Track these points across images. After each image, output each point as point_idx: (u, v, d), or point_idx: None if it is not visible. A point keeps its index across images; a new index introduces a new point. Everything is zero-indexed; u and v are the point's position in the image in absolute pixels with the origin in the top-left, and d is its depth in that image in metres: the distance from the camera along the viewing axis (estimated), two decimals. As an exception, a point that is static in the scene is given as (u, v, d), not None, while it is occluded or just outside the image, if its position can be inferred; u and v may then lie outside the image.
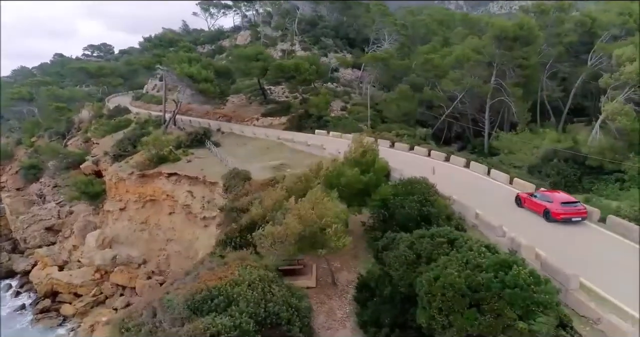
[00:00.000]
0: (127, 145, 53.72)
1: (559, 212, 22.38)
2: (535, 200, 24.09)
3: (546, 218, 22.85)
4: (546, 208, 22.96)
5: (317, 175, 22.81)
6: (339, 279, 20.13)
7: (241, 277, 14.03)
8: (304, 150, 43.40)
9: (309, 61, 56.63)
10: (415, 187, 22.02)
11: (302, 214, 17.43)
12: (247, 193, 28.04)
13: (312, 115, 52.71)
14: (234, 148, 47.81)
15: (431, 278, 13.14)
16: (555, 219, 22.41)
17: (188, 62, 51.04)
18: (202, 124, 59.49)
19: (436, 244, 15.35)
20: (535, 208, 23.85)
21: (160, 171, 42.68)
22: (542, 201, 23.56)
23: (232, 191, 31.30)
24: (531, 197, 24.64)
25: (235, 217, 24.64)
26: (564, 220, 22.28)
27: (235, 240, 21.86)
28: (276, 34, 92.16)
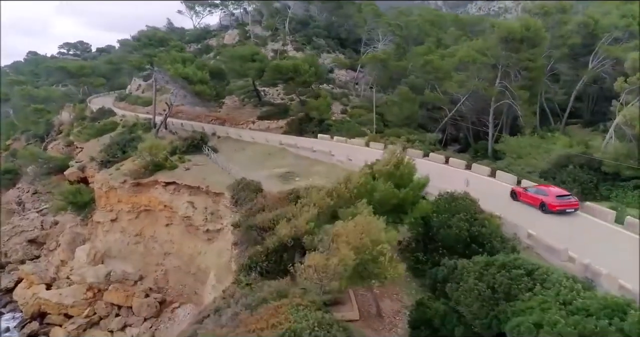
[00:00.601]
0: (116, 150, 50.54)
1: (555, 204, 24.19)
2: (531, 194, 25.77)
3: (542, 210, 24.53)
4: (542, 201, 24.70)
5: (348, 189, 20.66)
6: (383, 309, 18.10)
7: (298, 324, 11.80)
8: (309, 156, 41.25)
9: (307, 62, 54.38)
10: (459, 203, 20.13)
11: (354, 241, 15.33)
12: (263, 208, 25.71)
13: (312, 119, 50.49)
14: (233, 154, 45.26)
15: (531, 325, 11.18)
16: (551, 211, 24.15)
17: (182, 62, 48.19)
18: (195, 127, 56.63)
19: (514, 276, 13.45)
20: (532, 201, 25.48)
21: (156, 179, 39.85)
22: (538, 195, 25.33)
23: (242, 204, 28.88)
24: (526, 191, 26.32)
25: (256, 237, 22.34)
26: (559, 211, 24.11)
27: (261, 265, 19.61)
28: (266, 34, 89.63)
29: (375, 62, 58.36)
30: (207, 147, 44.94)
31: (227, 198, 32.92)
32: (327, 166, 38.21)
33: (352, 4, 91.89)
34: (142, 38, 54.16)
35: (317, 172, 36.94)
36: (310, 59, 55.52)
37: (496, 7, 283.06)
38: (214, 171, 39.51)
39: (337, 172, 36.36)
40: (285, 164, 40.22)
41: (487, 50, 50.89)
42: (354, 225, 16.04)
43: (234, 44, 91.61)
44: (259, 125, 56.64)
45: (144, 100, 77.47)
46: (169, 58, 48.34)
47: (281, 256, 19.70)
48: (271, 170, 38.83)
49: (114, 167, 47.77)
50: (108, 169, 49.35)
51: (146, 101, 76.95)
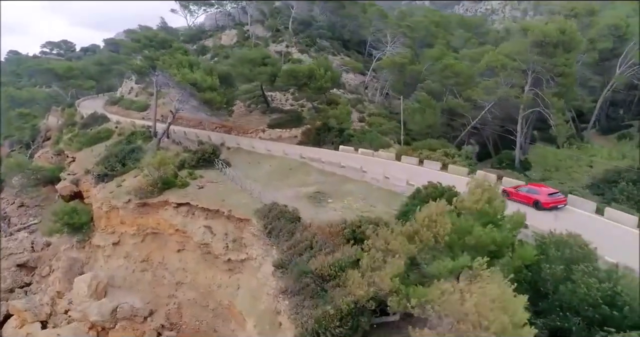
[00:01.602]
0: (114, 163, 45.79)
1: (547, 201, 26.52)
2: (524, 193, 27.73)
3: (536, 207, 26.34)
4: (536, 199, 26.76)
5: (435, 233, 16.77)
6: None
7: None
8: (336, 172, 37.23)
9: (322, 66, 50.34)
10: (573, 250, 16.39)
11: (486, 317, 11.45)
12: (310, 245, 21.67)
13: (331, 129, 46.44)
14: (248, 168, 41.02)
15: None
16: (544, 208, 26.26)
17: (189, 66, 43.75)
18: (199, 136, 52.15)
19: None
20: (525, 200, 27.22)
21: (166, 199, 35.43)
22: (531, 194, 27.33)
23: (279, 236, 24.75)
24: (517, 190, 28.23)
25: (314, 288, 18.31)
26: (551, 208, 26.36)
27: (333, 331, 15.62)
28: (267, 34, 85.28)
29: (393, 67, 54.57)
30: (220, 161, 40.57)
31: (254, 225, 28.72)
32: (359, 185, 34.28)
33: (355, 4, 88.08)
34: (142, 39, 49.51)
35: (349, 192, 32.97)
36: (324, 63, 51.46)
37: (483, 9, 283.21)
38: (231, 189, 35.24)
39: (374, 193, 32.60)
40: (311, 181, 36.17)
41: (517, 54, 47.51)
42: (482, 295, 12.15)
43: (232, 45, 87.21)
44: (269, 134, 52.39)
45: (139, 104, 72.52)
46: (174, 62, 43.84)
47: (358, 320, 15.74)
48: (296, 189, 34.76)
49: (114, 182, 43.18)
50: (106, 183, 44.74)
51: (141, 106, 72.12)
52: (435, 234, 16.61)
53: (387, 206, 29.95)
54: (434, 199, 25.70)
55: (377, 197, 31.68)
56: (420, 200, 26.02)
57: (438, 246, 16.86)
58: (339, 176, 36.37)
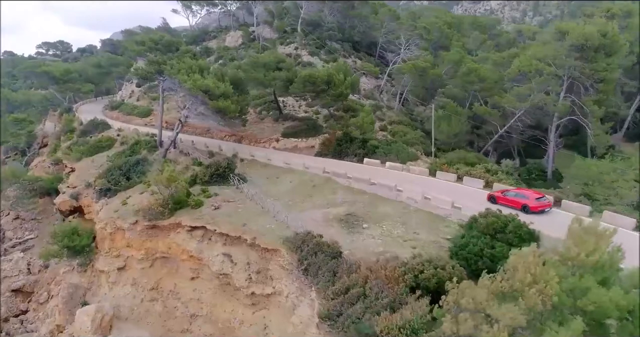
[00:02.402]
0: (118, 176, 42.22)
1: (535, 205, 27.31)
2: (511, 197, 28.43)
3: (525, 211, 26.89)
4: (524, 203, 27.52)
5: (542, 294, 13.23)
6: None
7: None
8: (365, 189, 33.69)
9: (341, 71, 46.82)
10: None
11: None
12: (364, 293, 18.13)
13: (354, 139, 42.89)
14: (267, 184, 37.47)
15: None
16: (533, 212, 27.00)
17: (199, 72, 40.17)
18: (209, 145, 48.59)
19: None
20: (513, 204, 27.91)
21: (178, 222, 31.81)
22: (519, 198, 28.05)
23: (318, 274, 21.21)
24: (505, 195, 28.94)
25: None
26: (539, 212, 27.18)
27: None
28: (273, 36, 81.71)
29: (415, 71, 51.12)
30: (236, 176, 36.97)
31: (283, 257, 25.17)
32: (394, 206, 30.74)
33: (365, 4, 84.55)
34: (146, 42, 45.81)
35: (385, 214, 29.45)
36: (343, 67, 47.91)
37: (482, 9, 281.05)
38: (252, 211, 31.64)
39: (413, 216, 29.06)
40: (339, 201, 32.57)
41: (552, 59, 44.15)
42: None
43: (237, 47, 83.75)
44: (284, 143, 48.82)
45: (141, 110, 68.81)
46: (183, 67, 40.23)
47: None
48: (324, 209, 31.24)
49: (118, 199, 39.63)
50: (109, 199, 41.22)
51: (144, 111, 68.46)
52: (542, 295, 13.11)
53: (432, 232, 26.49)
54: (497, 231, 22.45)
55: (417, 221, 28.18)
56: (480, 231, 22.60)
57: (544, 309, 13.37)
58: (370, 195, 32.82)
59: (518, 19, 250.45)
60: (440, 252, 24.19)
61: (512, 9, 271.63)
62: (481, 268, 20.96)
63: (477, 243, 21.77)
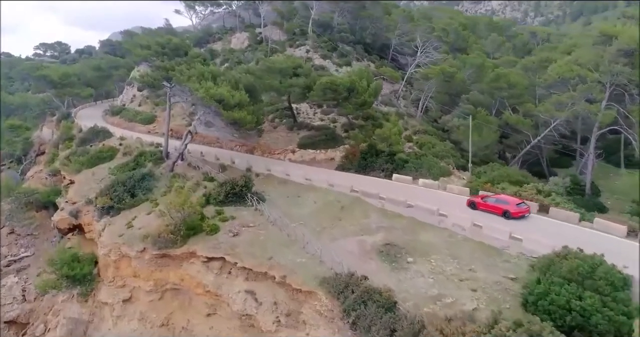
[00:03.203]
0: (122, 193, 38.43)
1: (516, 211, 27.55)
2: (492, 203, 28.59)
3: (506, 217, 27.47)
4: (505, 209, 27.76)
5: None
6: None
7: None
8: (401, 213, 30.03)
9: (362, 77, 43.22)
10: None
11: None
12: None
13: (380, 152, 39.22)
14: (288, 204, 33.73)
15: None
16: (513, 217, 27.29)
17: (212, 79, 36.48)
18: (219, 157, 44.83)
19: None
20: (493, 210, 28.27)
21: (193, 251, 28.12)
22: (500, 204, 28.24)
23: (370, 330, 17.53)
24: (485, 201, 28.97)
25: None
26: (519, 217, 27.42)
27: None
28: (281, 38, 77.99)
29: (442, 76, 47.50)
30: (254, 196, 33.24)
31: (320, 300, 21.48)
32: (438, 233, 27.12)
33: (377, 4, 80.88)
34: (152, 45, 42.08)
35: (429, 244, 25.84)
36: (365, 73, 44.29)
37: (483, 10, 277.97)
38: (276, 239, 27.94)
39: (463, 247, 25.40)
40: (373, 226, 28.96)
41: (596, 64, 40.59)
42: None
43: (244, 49, 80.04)
44: (301, 155, 45.09)
45: (144, 116, 65.00)
46: (194, 73, 36.55)
47: None
48: (358, 237, 27.61)
49: (123, 219, 35.92)
50: (112, 217, 37.49)
51: (147, 118, 64.66)
52: None
53: (490, 270, 22.85)
54: (584, 277, 18.83)
55: (470, 254, 24.55)
56: (561, 276, 18.94)
57: None
58: (408, 219, 29.17)
59: (519, 19, 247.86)
60: (506, 297, 20.65)
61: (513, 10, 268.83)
62: (570, 325, 17.44)
63: (560, 292, 18.15)
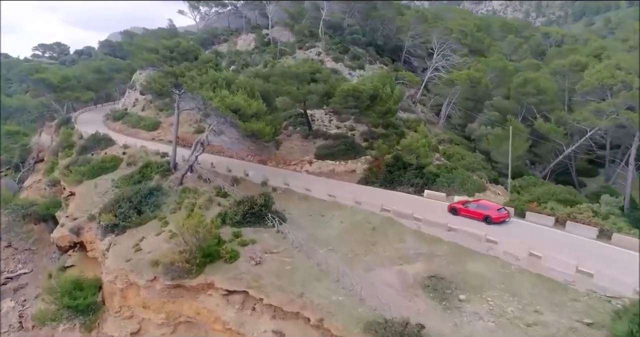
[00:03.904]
0: (127, 210, 35.39)
1: (497, 216, 28.25)
2: (473, 209, 29.16)
3: (487, 222, 28.08)
4: (487, 215, 28.37)
5: None
6: None
7: None
8: (441, 237, 26.98)
9: (386, 82, 40.18)
10: None
11: None
12: None
13: (409, 165, 36.15)
14: (311, 224, 30.65)
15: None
16: (494, 222, 27.97)
17: (226, 86, 33.41)
18: (231, 169, 41.74)
19: None
20: (475, 215, 28.84)
21: (210, 282, 25.04)
22: (481, 210, 28.88)
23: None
24: (466, 207, 29.47)
25: None
26: (500, 222, 28.10)
27: None
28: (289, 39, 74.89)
29: (469, 81, 44.47)
30: (275, 216, 30.16)
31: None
32: (488, 263, 24.07)
33: (389, 5, 77.86)
34: (160, 49, 38.98)
35: (482, 278, 22.79)
36: (388, 79, 41.24)
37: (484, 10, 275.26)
38: (304, 268, 24.87)
39: (519, 281, 22.28)
40: (411, 252, 25.90)
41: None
42: None
43: (250, 51, 76.93)
44: (319, 166, 42.03)
45: (147, 122, 61.92)
46: (207, 80, 33.46)
47: None
48: (396, 267, 24.60)
49: (129, 239, 32.92)
50: (116, 236, 34.48)
51: (151, 124, 61.60)
52: None
53: (559, 311, 19.76)
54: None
55: (530, 290, 21.48)
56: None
57: None
58: (449, 245, 26.13)
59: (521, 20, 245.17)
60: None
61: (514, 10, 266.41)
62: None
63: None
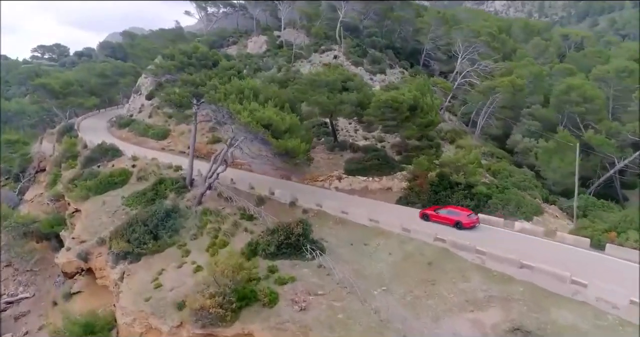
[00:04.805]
0: (142, 234, 31.69)
1: (467, 221, 28.48)
2: (445, 215, 29.21)
3: (458, 227, 28.27)
4: (457, 220, 28.54)
5: None
6: None
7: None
8: (513, 275, 23.24)
9: (425, 91, 36.49)
10: None
11: None
12: None
13: (456, 184, 32.44)
14: (354, 256, 26.88)
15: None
16: (465, 228, 28.24)
17: (253, 97, 29.69)
18: (253, 185, 37.90)
19: None
20: (446, 221, 28.92)
21: (249, 332, 21.30)
22: (452, 215, 28.94)
23: None
24: (437, 212, 29.55)
25: None
26: (471, 227, 28.44)
27: None
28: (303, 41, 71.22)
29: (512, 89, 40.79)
30: (314, 247, 26.41)
31: None
32: (576, 311, 20.33)
33: (408, 5, 74.19)
34: (176, 55, 35.21)
35: (576, 331, 19.08)
36: (426, 87, 37.54)
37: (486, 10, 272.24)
38: (359, 316, 21.13)
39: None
40: (480, 294, 22.15)
41: None
42: None
43: (262, 54, 73.31)
44: (349, 183, 38.29)
45: (156, 131, 58.13)
46: (232, 90, 29.71)
47: None
48: (468, 314, 20.90)
49: (146, 270, 29.30)
50: (130, 265, 30.87)
51: (160, 133, 57.87)
52: None
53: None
54: None
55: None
56: None
57: None
58: (525, 285, 22.37)
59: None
60: None
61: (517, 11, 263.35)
62: None
63: None
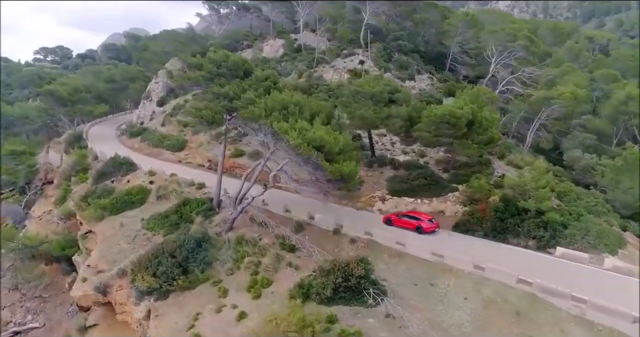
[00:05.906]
0: (170, 267, 28.05)
1: (428, 226, 29.54)
2: (406, 220, 30.27)
3: (419, 232, 29.27)
4: (418, 225, 29.57)
5: None
6: None
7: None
8: (621, 329, 19.53)
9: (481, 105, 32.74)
10: None
11: None
12: None
13: (524, 211, 28.65)
14: (422, 301, 23.11)
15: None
16: (426, 232, 29.24)
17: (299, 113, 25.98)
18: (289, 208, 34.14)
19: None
20: (408, 225, 29.92)
21: None
22: (413, 220, 29.97)
23: None
24: (399, 217, 30.64)
25: None
26: (431, 232, 29.42)
27: None
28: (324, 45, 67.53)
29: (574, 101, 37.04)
30: (378, 292, 22.65)
31: None
32: None
33: (433, 7, 70.50)
34: (205, 64, 31.46)
35: None
36: (480, 99, 33.76)
37: None
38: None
39: None
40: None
41: None
42: None
43: (279, 59, 69.68)
44: (394, 204, 34.47)
45: (172, 142, 54.29)
46: (275, 106, 26.02)
47: None
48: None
49: (176, 312, 25.73)
50: (156, 302, 27.53)
51: (176, 144, 54.12)
52: None
53: None
54: None
55: None
56: None
57: None
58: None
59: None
60: None
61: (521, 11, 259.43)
62: None
63: None
